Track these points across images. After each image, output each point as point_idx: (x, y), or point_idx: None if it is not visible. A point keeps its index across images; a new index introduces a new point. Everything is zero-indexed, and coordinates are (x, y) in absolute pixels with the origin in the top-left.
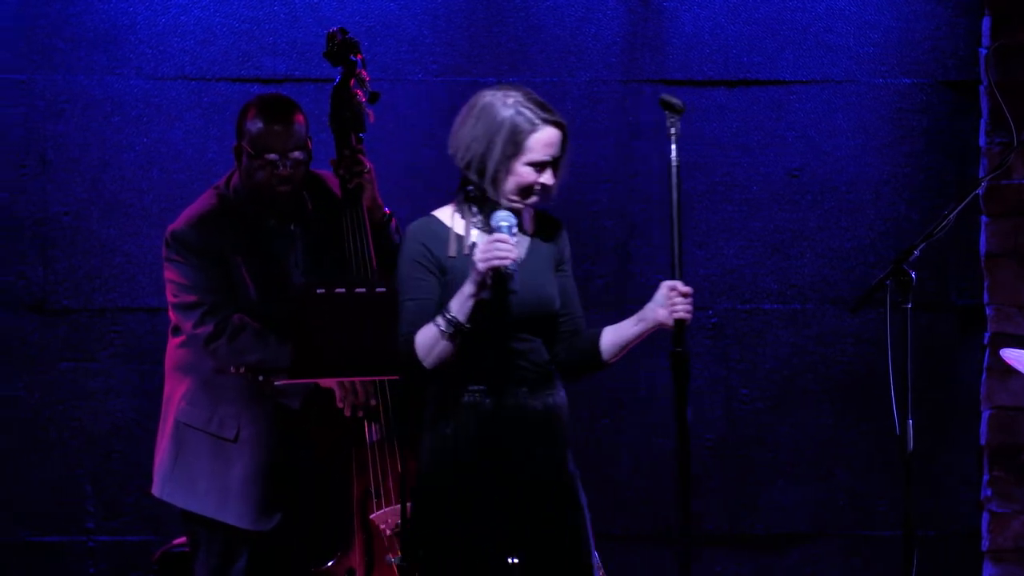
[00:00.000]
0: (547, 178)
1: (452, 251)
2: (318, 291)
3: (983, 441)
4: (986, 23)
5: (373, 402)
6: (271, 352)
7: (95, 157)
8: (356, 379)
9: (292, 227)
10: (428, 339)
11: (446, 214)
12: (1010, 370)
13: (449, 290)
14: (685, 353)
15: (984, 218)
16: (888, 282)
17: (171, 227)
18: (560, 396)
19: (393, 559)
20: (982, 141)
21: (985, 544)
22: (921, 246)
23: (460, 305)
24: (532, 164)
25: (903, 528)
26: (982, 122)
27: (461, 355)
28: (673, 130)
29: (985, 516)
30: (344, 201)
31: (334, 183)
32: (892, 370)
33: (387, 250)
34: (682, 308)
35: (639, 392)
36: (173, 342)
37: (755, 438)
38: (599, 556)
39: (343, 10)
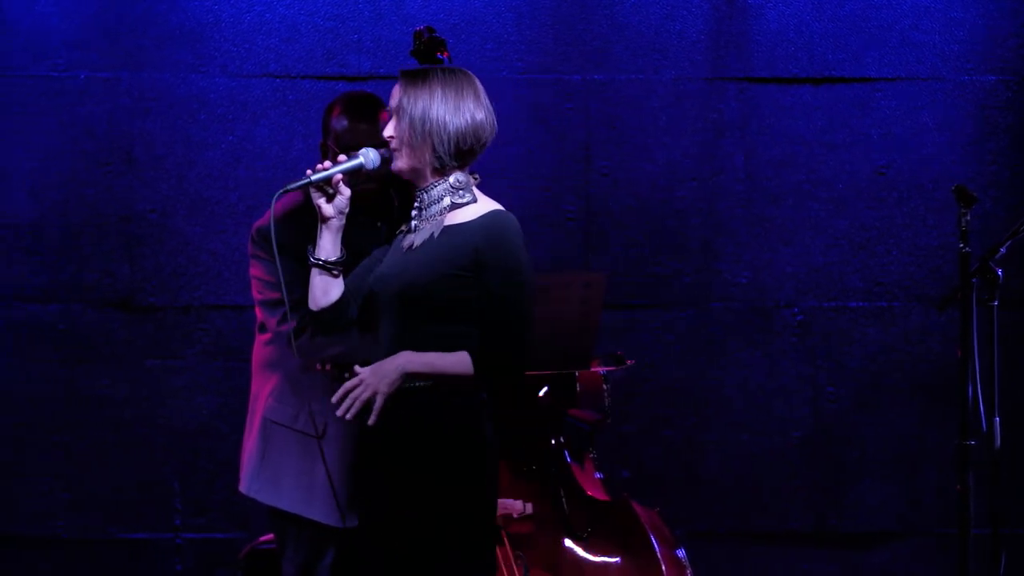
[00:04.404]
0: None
1: None
2: None
3: None
4: None
5: None
6: (353, 344)
7: (180, 155)
8: None
9: (379, 224)
10: None
11: None
12: None
13: None
14: None
15: None
16: (975, 280)
17: (257, 223)
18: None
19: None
20: None
21: None
22: (1007, 243)
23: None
24: None
25: (990, 526)
26: None
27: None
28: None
29: None
30: None
31: None
32: (979, 368)
33: None
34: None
35: (724, 391)
36: (260, 339)
37: (842, 436)
38: None
39: (428, 7)
